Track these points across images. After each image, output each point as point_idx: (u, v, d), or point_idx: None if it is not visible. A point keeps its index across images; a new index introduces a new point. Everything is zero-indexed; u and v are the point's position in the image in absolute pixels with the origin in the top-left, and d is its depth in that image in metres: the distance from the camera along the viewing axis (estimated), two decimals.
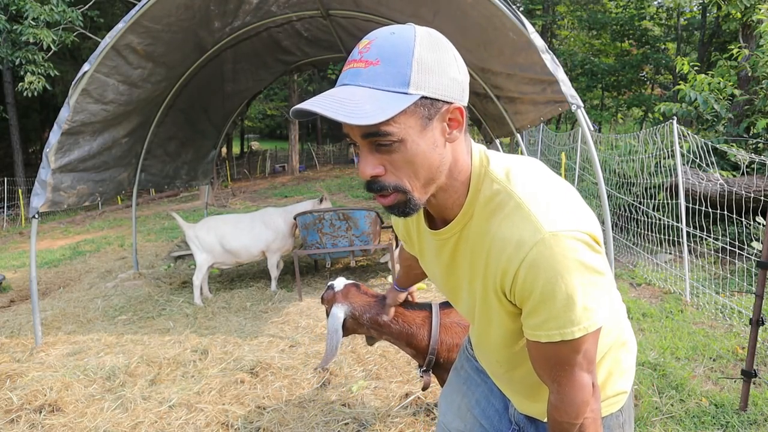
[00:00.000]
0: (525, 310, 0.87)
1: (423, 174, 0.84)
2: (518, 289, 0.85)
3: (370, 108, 0.76)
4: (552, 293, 0.81)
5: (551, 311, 0.82)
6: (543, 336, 0.85)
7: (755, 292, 2.50)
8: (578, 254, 0.80)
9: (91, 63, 3.79)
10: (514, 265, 0.83)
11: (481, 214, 0.90)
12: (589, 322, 0.82)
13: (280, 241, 5.07)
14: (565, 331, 0.82)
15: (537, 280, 0.81)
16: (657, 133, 4.86)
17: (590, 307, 0.82)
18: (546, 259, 0.80)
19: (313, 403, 2.86)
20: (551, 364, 0.89)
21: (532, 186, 0.87)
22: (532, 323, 0.86)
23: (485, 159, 0.92)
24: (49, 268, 7.10)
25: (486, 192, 0.89)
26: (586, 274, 0.81)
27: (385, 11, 4.53)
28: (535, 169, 0.92)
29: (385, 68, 0.79)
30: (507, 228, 0.85)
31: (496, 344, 1.02)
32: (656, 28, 19.31)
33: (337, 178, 17.61)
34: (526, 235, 0.82)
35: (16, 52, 11.42)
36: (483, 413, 1.24)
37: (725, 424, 2.46)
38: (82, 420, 2.80)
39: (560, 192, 0.88)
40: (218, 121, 6.92)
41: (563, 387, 0.89)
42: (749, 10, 7.29)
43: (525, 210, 0.84)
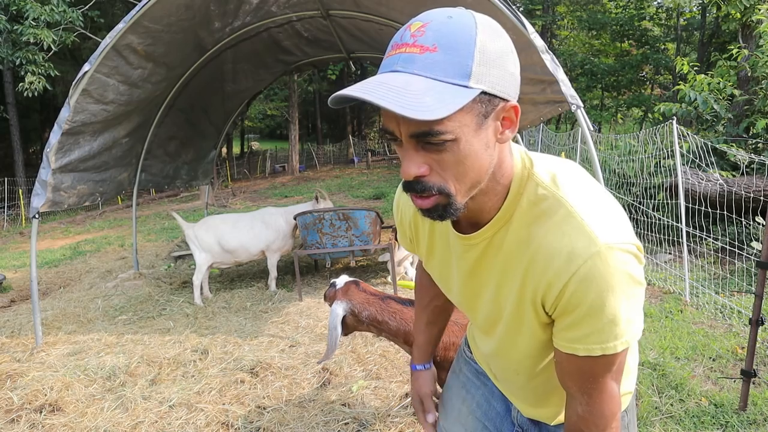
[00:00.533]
0: (564, 323, 0.82)
1: (471, 176, 0.77)
2: (562, 303, 0.80)
3: (431, 101, 0.67)
4: (600, 308, 0.77)
5: (595, 325, 0.78)
6: (581, 350, 0.81)
7: (755, 292, 2.50)
8: (629, 267, 0.77)
9: (92, 63, 3.79)
10: (563, 278, 0.78)
11: (521, 219, 0.84)
12: (630, 335, 0.80)
13: (280, 240, 5.08)
14: (607, 345, 0.79)
15: (587, 294, 0.77)
16: (657, 133, 4.86)
17: (633, 319, 0.79)
18: (600, 273, 0.75)
19: (313, 403, 2.87)
20: (584, 377, 0.85)
21: (582, 193, 0.82)
22: (570, 336, 0.82)
23: (528, 160, 0.86)
24: (50, 268, 7.11)
25: (529, 196, 0.83)
26: (633, 287, 0.78)
27: (385, 11, 4.54)
28: (580, 175, 0.87)
29: (444, 56, 0.70)
30: (556, 237, 0.79)
31: (522, 355, 0.97)
32: (656, 28, 19.32)
33: (337, 178, 17.62)
34: (580, 246, 0.76)
35: (16, 52, 11.43)
36: (485, 415, 1.21)
37: (725, 423, 2.46)
38: (83, 420, 2.81)
39: (607, 201, 0.83)
40: (218, 121, 6.93)
41: (594, 399, 0.86)
42: (749, 10, 7.30)
43: (577, 219, 0.78)
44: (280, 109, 24.77)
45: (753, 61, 6.28)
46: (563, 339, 0.84)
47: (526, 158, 0.86)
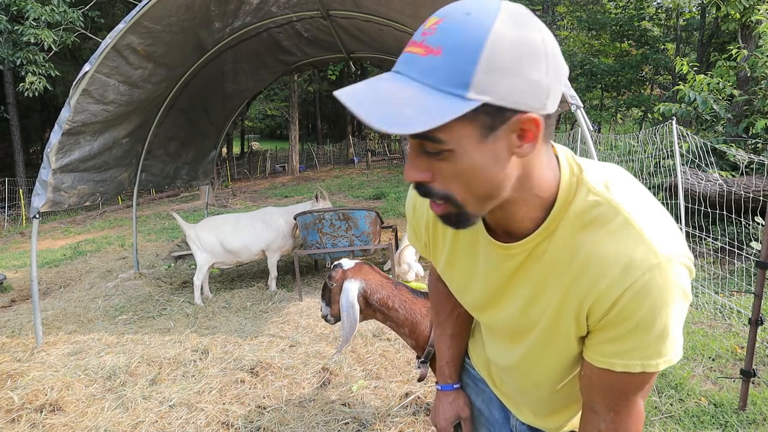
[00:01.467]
0: (605, 336, 0.77)
1: (477, 189, 0.71)
2: (611, 315, 0.74)
3: (411, 113, 0.61)
4: (651, 323, 0.72)
5: (642, 341, 0.73)
6: (619, 365, 0.76)
7: (754, 291, 2.50)
8: (683, 281, 0.72)
9: (92, 63, 3.79)
10: (617, 290, 0.72)
11: (569, 227, 0.77)
12: (674, 354, 0.75)
13: (280, 240, 5.08)
14: (649, 362, 0.74)
15: (639, 309, 0.72)
16: (656, 133, 4.87)
17: (677, 337, 0.75)
18: (658, 287, 0.70)
19: (313, 402, 2.87)
20: (615, 394, 0.80)
21: (638, 201, 0.76)
22: (610, 350, 0.77)
23: (576, 167, 0.79)
24: (50, 268, 7.11)
25: (579, 203, 0.76)
26: (684, 301, 0.73)
27: (384, 11, 4.54)
28: (632, 181, 0.80)
29: (445, 61, 0.63)
30: (611, 246, 0.73)
31: (548, 369, 0.92)
32: (656, 28, 19.32)
33: (337, 178, 17.62)
34: (638, 256, 0.71)
35: (17, 52, 11.44)
36: (487, 421, 1.20)
37: (724, 423, 2.47)
38: (83, 419, 2.81)
39: (662, 210, 0.77)
40: (218, 121, 6.93)
41: (620, 416, 0.82)
42: (748, 10, 7.30)
43: (635, 228, 0.72)
44: (280, 109, 24.77)
45: (752, 61, 6.29)
46: (599, 353, 0.79)
47: (575, 164, 0.80)
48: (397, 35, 4.91)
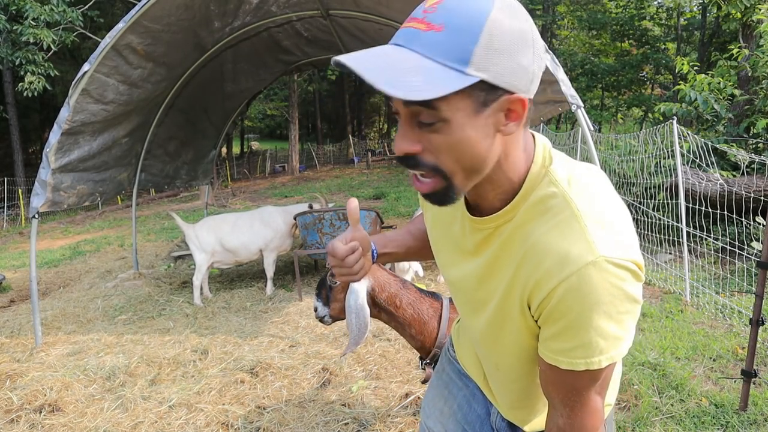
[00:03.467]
0: (548, 332, 0.80)
1: (465, 162, 0.74)
2: (548, 309, 0.77)
3: (418, 81, 0.65)
4: (587, 322, 0.74)
5: (581, 339, 0.75)
6: (564, 363, 0.78)
7: (755, 292, 2.50)
8: (624, 284, 0.73)
9: (91, 63, 3.79)
10: (552, 281, 0.75)
11: (527, 213, 0.81)
12: (616, 351, 0.77)
13: (278, 240, 5.08)
14: (591, 360, 0.76)
15: (574, 306, 0.74)
16: (657, 133, 4.86)
17: (621, 336, 0.76)
18: (592, 285, 0.72)
19: (313, 403, 2.86)
20: (567, 389, 0.82)
21: (594, 200, 0.78)
22: (554, 347, 0.79)
23: (548, 158, 0.83)
24: (49, 268, 7.10)
25: (540, 192, 0.80)
26: (626, 303, 0.74)
27: (384, 11, 4.53)
28: (599, 182, 0.83)
29: (447, 37, 0.67)
30: (554, 237, 0.76)
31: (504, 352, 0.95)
32: (656, 28, 19.32)
33: (337, 178, 17.62)
34: (575, 252, 0.73)
35: (16, 52, 11.43)
36: (465, 418, 1.20)
37: (725, 424, 2.46)
38: (82, 420, 2.80)
39: (618, 213, 0.79)
40: (218, 121, 6.93)
41: (575, 412, 0.83)
42: (749, 10, 7.29)
43: (580, 223, 0.75)
44: (280, 109, 24.77)
45: (753, 60, 6.28)
46: (547, 349, 0.81)
47: (548, 155, 0.83)
48: None
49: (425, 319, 1.74)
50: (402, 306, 1.73)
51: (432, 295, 1.82)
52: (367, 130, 35.70)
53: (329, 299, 1.85)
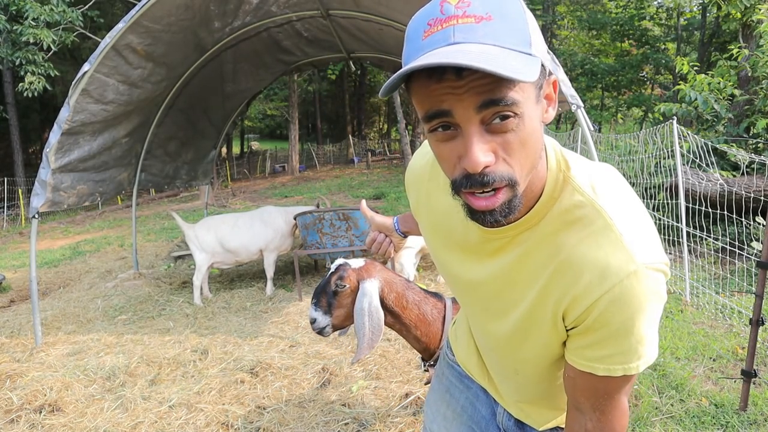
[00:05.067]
0: (585, 341, 0.78)
1: (531, 160, 0.70)
2: (589, 320, 0.75)
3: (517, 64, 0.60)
4: (629, 329, 0.73)
5: (621, 346, 0.75)
6: (601, 369, 0.77)
7: (755, 292, 2.50)
8: (661, 287, 0.73)
9: (91, 63, 3.79)
10: (593, 294, 0.73)
11: (552, 223, 0.78)
12: (652, 355, 0.77)
13: (278, 240, 5.08)
14: (629, 366, 0.76)
15: (617, 315, 0.72)
16: (657, 133, 4.86)
17: (654, 338, 0.76)
18: (635, 294, 0.71)
19: (313, 403, 2.86)
20: (599, 394, 0.81)
21: (622, 205, 0.77)
22: (590, 355, 0.78)
23: (564, 162, 0.79)
24: (49, 268, 7.10)
25: (565, 201, 0.77)
26: (659, 305, 0.74)
27: (385, 11, 4.53)
28: (619, 183, 0.81)
29: (502, 24, 0.64)
30: (590, 248, 0.74)
31: (526, 360, 0.93)
32: (656, 28, 19.32)
33: (337, 178, 17.62)
34: (615, 262, 0.72)
35: (16, 52, 11.43)
36: (471, 419, 1.19)
37: (725, 424, 2.46)
38: (82, 420, 2.80)
39: (643, 213, 0.78)
40: (218, 121, 6.92)
41: (606, 415, 0.83)
42: (749, 10, 7.29)
43: (616, 233, 0.73)
44: (280, 109, 24.77)
45: (753, 60, 6.28)
46: (582, 357, 0.79)
47: (562, 159, 0.79)
48: (397, 35, 4.90)
49: (430, 320, 1.71)
50: (408, 307, 1.68)
51: (435, 296, 1.79)
52: (367, 130, 35.68)
53: (331, 307, 1.75)
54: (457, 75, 0.62)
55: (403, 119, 16.17)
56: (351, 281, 1.70)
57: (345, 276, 1.71)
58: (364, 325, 1.59)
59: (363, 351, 1.59)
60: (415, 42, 0.66)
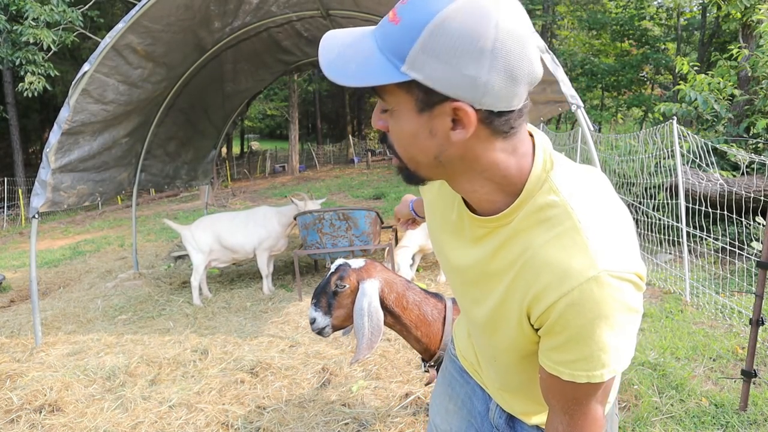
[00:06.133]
0: (549, 343, 0.79)
1: (412, 153, 0.76)
2: (549, 322, 0.76)
3: (354, 68, 0.69)
4: (589, 336, 0.73)
5: (582, 352, 0.75)
6: (566, 374, 0.78)
7: (755, 292, 2.50)
8: (625, 296, 0.73)
9: (91, 63, 3.79)
10: (552, 296, 0.74)
11: (524, 220, 0.79)
12: (619, 364, 0.76)
13: (272, 240, 5.07)
14: (593, 373, 0.76)
15: (575, 320, 0.73)
16: (657, 133, 4.86)
17: (623, 348, 0.76)
18: (594, 300, 0.71)
19: (313, 403, 2.86)
20: (567, 399, 0.82)
21: (595, 210, 0.76)
22: (555, 358, 0.79)
23: (549, 163, 0.80)
24: (49, 268, 7.10)
25: (540, 200, 0.78)
26: (627, 315, 0.74)
27: (384, 11, 4.53)
28: (600, 188, 0.82)
29: (399, 31, 0.68)
30: (554, 249, 0.75)
31: (500, 348, 0.94)
32: (656, 28, 19.30)
33: (337, 178, 17.62)
34: (576, 266, 0.72)
35: (16, 52, 11.42)
36: (470, 413, 1.21)
37: (725, 424, 2.46)
38: (82, 420, 2.80)
39: (620, 223, 0.78)
40: (218, 121, 6.92)
41: (575, 420, 0.83)
42: (749, 10, 7.29)
43: (581, 236, 0.73)
44: (280, 109, 24.77)
45: (753, 60, 6.28)
46: (548, 359, 0.80)
47: (548, 160, 0.80)
48: None
49: (430, 320, 1.70)
50: (408, 307, 1.67)
51: (436, 296, 1.78)
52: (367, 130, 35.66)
53: (331, 307, 1.75)
54: None
55: None
56: (351, 281, 1.69)
57: (345, 276, 1.70)
58: (364, 325, 1.58)
59: (362, 352, 1.59)
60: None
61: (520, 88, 0.70)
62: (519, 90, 0.70)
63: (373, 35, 0.72)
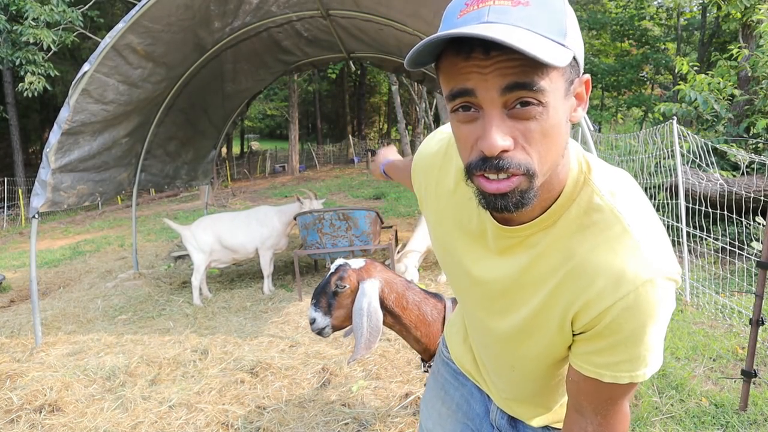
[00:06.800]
0: (593, 347, 0.77)
1: (552, 155, 0.68)
2: (600, 326, 0.74)
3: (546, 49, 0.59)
4: (640, 337, 0.73)
5: (630, 354, 0.74)
6: (608, 376, 0.77)
7: (755, 292, 2.50)
8: (671, 296, 0.73)
9: (91, 63, 3.79)
10: (606, 301, 0.72)
11: (567, 225, 0.76)
12: (658, 363, 0.76)
13: (274, 239, 5.09)
14: (636, 373, 0.75)
15: (629, 323, 0.72)
16: (657, 133, 4.86)
17: (661, 346, 0.76)
18: (648, 303, 0.71)
19: (313, 403, 2.86)
20: (602, 399, 0.81)
21: (639, 212, 0.75)
22: (598, 361, 0.77)
23: (586, 164, 0.77)
24: (49, 268, 7.10)
25: (582, 203, 0.75)
26: (669, 314, 0.74)
27: (385, 11, 4.53)
28: (638, 192, 0.80)
29: (538, 11, 0.62)
30: (605, 254, 0.72)
31: (526, 359, 0.92)
32: (656, 28, 19.31)
33: (337, 178, 17.62)
34: (631, 270, 0.71)
35: (16, 52, 11.42)
36: (466, 416, 1.20)
37: (725, 424, 2.46)
38: (82, 420, 2.80)
39: (659, 222, 0.77)
40: (218, 121, 6.92)
41: (608, 419, 0.82)
42: (749, 10, 7.29)
43: (633, 240, 0.72)
44: (280, 109, 24.77)
45: (753, 60, 6.28)
46: (589, 363, 0.79)
47: (584, 161, 0.78)
48: (397, 35, 4.90)
49: (430, 320, 1.70)
50: (408, 307, 1.67)
51: (435, 296, 1.78)
52: (367, 130, 35.67)
53: (331, 307, 1.74)
54: (485, 53, 0.61)
55: (403, 119, 16.18)
56: (351, 281, 1.69)
57: (345, 276, 1.70)
58: (363, 325, 1.58)
59: (360, 351, 1.58)
60: (450, 20, 0.66)
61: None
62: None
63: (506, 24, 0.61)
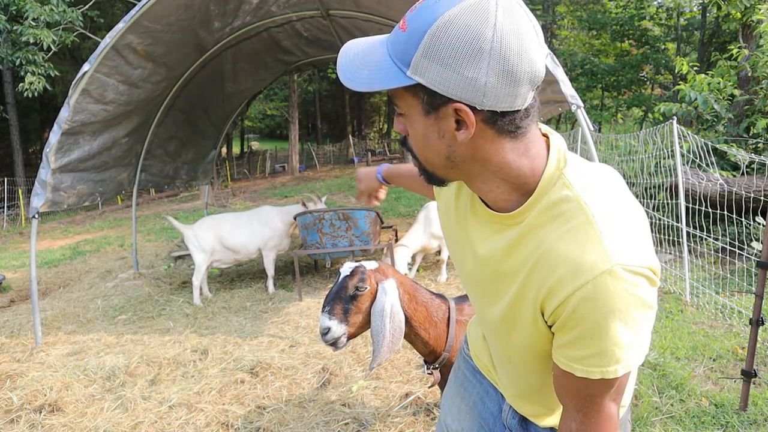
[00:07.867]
0: (563, 339, 0.79)
1: (427, 155, 0.80)
2: (563, 317, 0.76)
3: (366, 75, 0.74)
4: (604, 330, 0.73)
5: (597, 348, 0.74)
6: (579, 370, 0.77)
7: (755, 292, 2.50)
8: (639, 290, 0.72)
9: (91, 63, 3.79)
10: (566, 290, 0.74)
11: (539, 217, 0.79)
12: (633, 360, 0.76)
13: (276, 239, 5.10)
14: (607, 369, 0.75)
15: (589, 314, 0.73)
16: (657, 133, 4.86)
17: (637, 344, 0.75)
18: (608, 294, 0.71)
19: (313, 403, 2.86)
20: (581, 396, 0.81)
21: (609, 205, 0.77)
22: (569, 354, 0.78)
23: (563, 161, 0.81)
24: (49, 268, 7.10)
25: (553, 196, 0.79)
26: (641, 310, 0.73)
27: (384, 11, 4.53)
28: (614, 184, 0.82)
29: (406, 37, 0.72)
30: (568, 244, 0.75)
31: (515, 348, 0.94)
32: (656, 28, 19.30)
33: (337, 178, 17.62)
34: (590, 259, 0.72)
35: (16, 52, 11.42)
36: (480, 414, 1.21)
37: (725, 424, 2.46)
38: (82, 420, 2.80)
39: (634, 218, 0.78)
40: (218, 121, 6.92)
41: (589, 418, 0.82)
42: (749, 10, 7.29)
43: (595, 230, 0.74)
44: (280, 109, 24.76)
45: (753, 60, 6.28)
46: (562, 356, 0.80)
47: (562, 159, 0.81)
48: None
49: (436, 321, 1.68)
50: (418, 308, 1.65)
51: (439, 297, 1.77)
52: (367, 130, 35.68)
53: (347, 313, 1.63)
54: None
55: None
56: (371, 283, 1.63)
57: (365, 278, 1.63)
58: (385, 327, 1.51)
59: (383, 355, 1.50)
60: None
61: (521, 89, 0.71)
62: (520, 90, 0.71)
63: (385, 43, 0.76)
